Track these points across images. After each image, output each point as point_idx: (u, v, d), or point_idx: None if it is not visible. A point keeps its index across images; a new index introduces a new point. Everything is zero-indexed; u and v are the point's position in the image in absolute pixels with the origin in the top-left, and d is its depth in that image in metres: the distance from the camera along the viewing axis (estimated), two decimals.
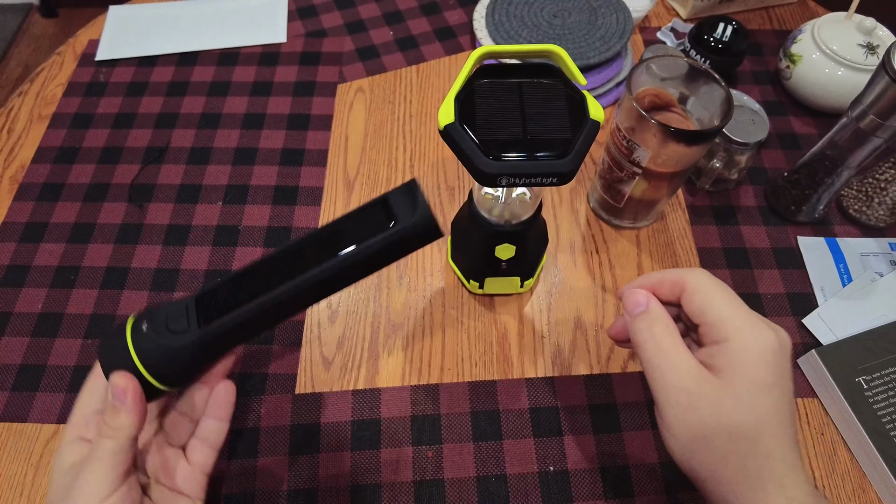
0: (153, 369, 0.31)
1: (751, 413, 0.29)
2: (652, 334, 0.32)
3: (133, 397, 0.30)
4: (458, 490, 0.43)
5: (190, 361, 0.31)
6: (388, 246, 0.30)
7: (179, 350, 0.31)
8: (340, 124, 0.64)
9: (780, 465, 0.28)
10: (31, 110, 0.66)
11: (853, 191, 0.56)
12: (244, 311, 0.30)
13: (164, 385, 0.31)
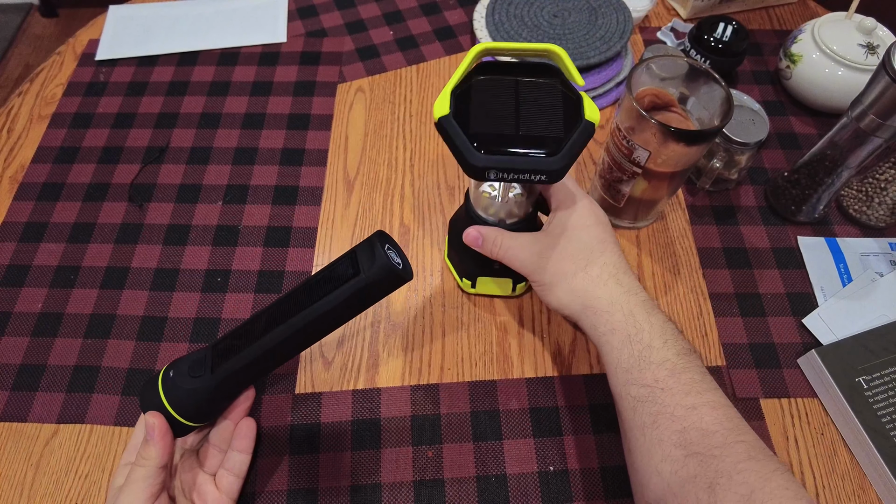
0: (178, 408, 0.37)
1: (583, 239, 0.41)
2: (495, 244, 0.43)
3: (160, 433, 0.37)
4: (457, 490, 0.43)
5: (207, 400, 0.38)
6: (354, 295, 0.34)
7: (198, 391, 0.38)
8: (340, 124, 0.64)
9: (611, 269, 0.40)
10: (31, 110, 0.65)
11: (853, 191, 0.56)
12: (244, 356, 0.37)
13: (189, 421, 0.38)
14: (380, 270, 0.34)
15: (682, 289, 0.53)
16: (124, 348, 0.50)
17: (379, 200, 0.58)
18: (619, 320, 0.38)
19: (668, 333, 0.37)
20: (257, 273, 0.54)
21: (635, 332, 0.37)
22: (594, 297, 0.39)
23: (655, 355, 0.36)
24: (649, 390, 0.35)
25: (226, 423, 0.41)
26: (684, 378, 0.35)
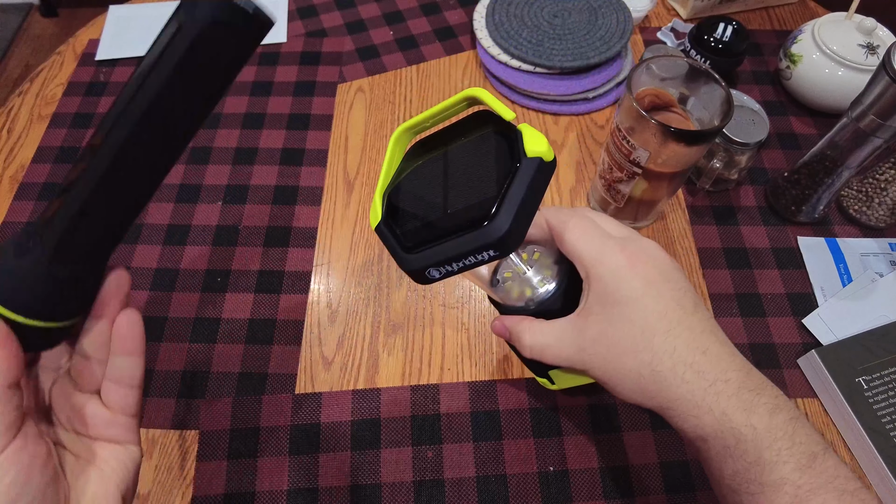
0: (12, 303, 0.25)
1: (634, 321, 0.30)
2: (523, 343, 0.34)
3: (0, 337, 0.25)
4: (457, 490, 0.43)
5: (48, 282, 0.26)
6: (188, 57, 0.23)
7: (31, 271, 0.25)
8: (340, 124, 0.64)
9: (685, 355, 0.29)
10: (31, 110, 0.65)
11: (853, 191, 0.56)
12: (75, 197, 0.25)
13: (32, 318, 0.26)
14: (210, 11, 0.22)
15: None
16: None
17: None
18: (710, 425, 0.28)
19: (781, 436, 0.27)
20: (257, 273, 0.54)
21: (735, 444, 0.28)
22: (671, 399, 0.29)
23: (768, 475, 0.27)
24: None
25: (98, 325, 0.28)
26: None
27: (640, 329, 0.29)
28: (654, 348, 0.29)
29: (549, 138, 0.63)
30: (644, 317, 0.29)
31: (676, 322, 0.29)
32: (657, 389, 0.29)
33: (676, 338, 0.29)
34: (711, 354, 0.29)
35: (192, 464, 0.45)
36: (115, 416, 0.29)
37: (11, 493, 0.24)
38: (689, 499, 0.43)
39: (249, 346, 0.50)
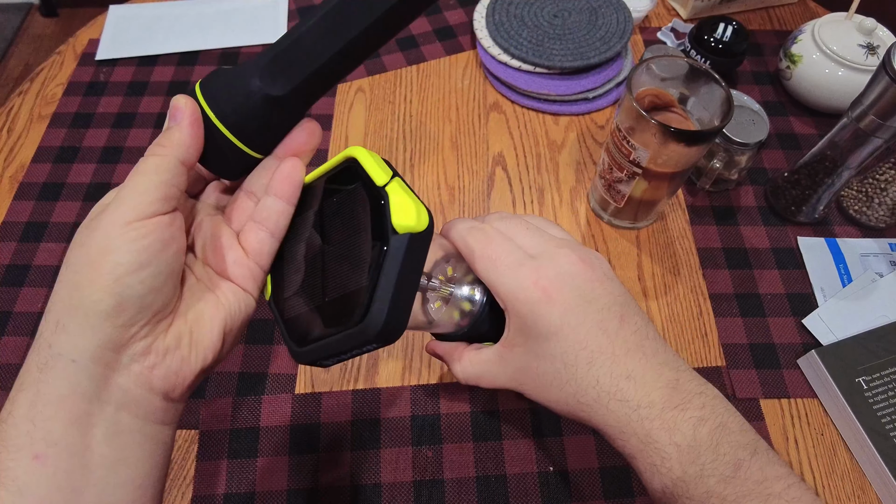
0: (217, 107, 0.27)
1: (554, 355, 0.30)
2: (462, 371, 0.34)
3: (190, 115, 0.26)
4: (457, 490, 0.43)
5: (252, 95, 0.27)
6: None
7: (241, 81, 0.27)
8: (340, 124, 0.64)
9: (608, 385, 0.29)
10: (31, 110, 0.65)
11: (853, 191, 0.56)
12: (298, 31, 0.27)
13: (230, 129, 0.27)
14: None
15: (682, 289, 0.53)
16: None
17: None
18: (636, 447, 0.29)
19: (704, 450, 0.27)
20: None
21: (660, 462, 0.28)
22: (600, 425, 0.30)
23: (694, 489, 0.27)
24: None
25: (267, 162, 0.29)
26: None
27: (563, 363, 0.30)
28: (577, 380, 0.29)
29: (549, 138, 0.63)
30: (564, 351, 0.29)
31: (598, 351, 0.29)
32: (587, 416, 0.30)
33: (599, 368, 0.29)
34: (635, 379, 0.29)
35: (192, 464, 0.45)
36: (245, 259, 0.28)
37: (141, 257, 0.24)
38: None
39: (249, 346, 0.50)
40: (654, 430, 0.28)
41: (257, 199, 0.29)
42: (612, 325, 0.30)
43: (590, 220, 0.57)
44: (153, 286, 0.24)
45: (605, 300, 0.30)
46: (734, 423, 0.28)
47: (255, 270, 0.29)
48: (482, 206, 0.57)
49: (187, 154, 0.26)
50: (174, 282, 0.26)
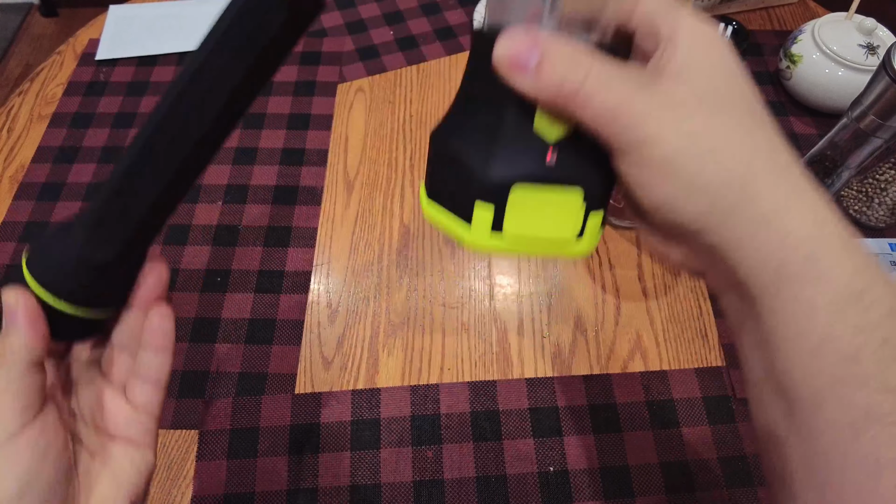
0: (46, 283, 0.25)
1: (739, 83, 0.21)
2: (572, 69, 0.20)
3: (24, 313, 0.24)
4: (457, 490, 0.43)
5: (83, 262, 0.25)
6: (236, 25, 0.22)
7: (68, 249, 0.25)
8: (340, 124, 0.64)
9: (791, 153, 0.21)
10: (31, 110, 0.65)
11: (853, 191, 0.56)
12: (117, 173, 0.24)
13: (66, 301, 0.25)
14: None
15: (683, 289, 0.53)
16: None
17: (379, 200, 0.58)
18: (835, 257, 0.19)
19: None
20: (257, 273, 0.54)
21: (867, 285, 0.19)
22: (784, 206, 0.19)
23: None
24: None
25: (132, 315, 0.28)
26: None
27: (746, 92, 0.21)
28: (754, 114, 0.21)
29: None
30: (748, 88, 0.21)
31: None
32: (745, 166, 0.20)
33: (775, 128, 0.21)
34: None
35: (191, 464, 0.45)
36: (136, 414, 0.28)
37: (22, 480, 0.23)
38: (689, 499, 0.43)
39: (249, 346, 0.50)
40: (850, 241, 0.20)
41: (131, 352, 0.28)
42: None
43: None
44: (46, 500, 0.23)
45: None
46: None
47: (149, 423, 0.28)
48: None
49: (33, 354, 0.24)
50: (64, 485, 0.25)
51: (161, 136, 0.24)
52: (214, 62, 0.23)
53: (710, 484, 0.44)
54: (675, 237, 0.23)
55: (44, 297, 0.25)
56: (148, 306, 0.28)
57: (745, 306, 0.21)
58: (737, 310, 0.22)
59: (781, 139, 0.21)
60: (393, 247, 0.55)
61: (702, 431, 0.46)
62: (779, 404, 0.21)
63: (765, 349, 0.21)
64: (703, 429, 0.46)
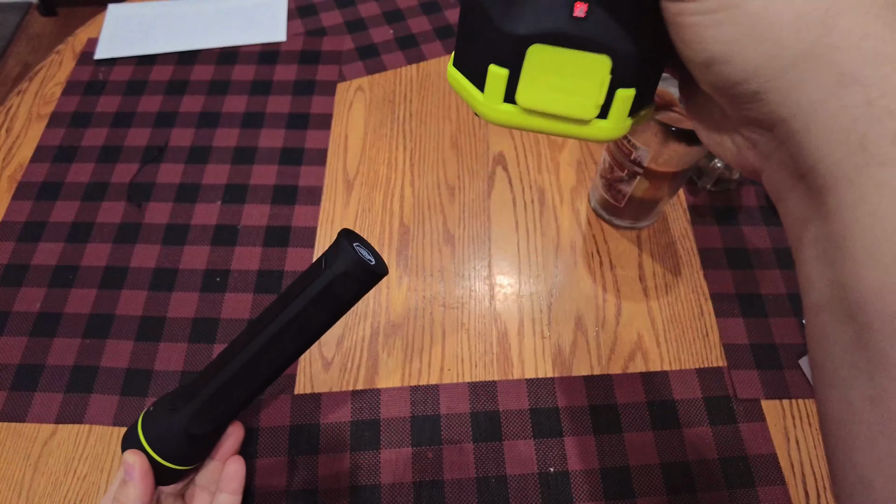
0: (157, 447, 0.34)
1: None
2: None
3: (140, 472, 0.33)
4: (457, 491, 0.43)
5: (186, 435, 0.34)
6: (323, 294, 0.32)
7: (175, 425, 0.34)
8: (340, 123, 0.64)
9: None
10: (29, 109, 0.65)
11: None
12: (220, 377, 0.34)
13: (169, 462, 0.35)
14: (346, 264, 0.31)
15: (684, 289, 0.53)
16: (123, 348, 0.49)
17: (378, 200, 0.58)
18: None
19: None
20: (256, 273, 0.54)
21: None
22: (876, 59, 0.15)
23: None
24: None
25: (213, 464, 0.38)
26: None
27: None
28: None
29: (549, 138, 0.62)
30: None
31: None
32: (823, 12, 0.15)
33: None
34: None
35: None
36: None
37: None
38: (690, 500, 0.43)
39: None
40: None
41: (210, 491, 0.38)
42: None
43: (590, 219, 0.57)
44: None
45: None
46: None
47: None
48: (482, 206, 0.57)
49: (143, 502, 0.33)
50: None
51: (254, 362, 0.33)
52: (306, 315, 0.32)
53: (711, 484, 0.43)
54: (732, 116, 0.18)
55: (153, 456, 0.34)
56: (226, 459, 0.38)
57: (812, 205, 0.17)
58: (800, 214, 0.17)
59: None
60: (393, 247, 0.55)
61: (703, 432, 0.45)
62: (844, 332, 0.16)
63: (833, 259, 0.16)
64: (704, 429, 0.46)
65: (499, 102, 0.20)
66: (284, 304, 0.32)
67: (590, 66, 0.18)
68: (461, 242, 0.55)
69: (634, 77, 0.19)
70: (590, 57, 0.18)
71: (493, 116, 0.20)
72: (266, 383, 0.35)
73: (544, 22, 0.18)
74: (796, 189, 0.17)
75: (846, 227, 0.15)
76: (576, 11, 0.17)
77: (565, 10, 0.17)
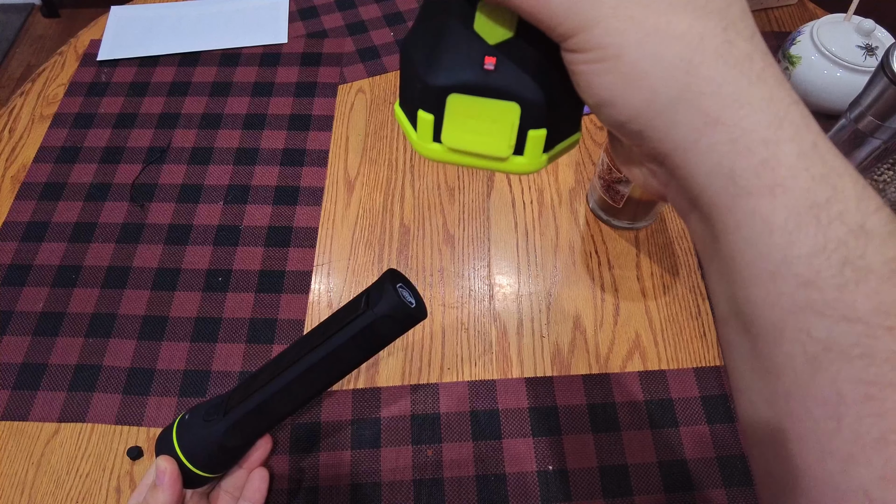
0: (190, 455, 0.37)
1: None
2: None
3: (170, 479, 0.36)
4: (457, 489, 0.44)
5: (219, 447, 0.37)
6: (363, 333, 0.33)
7: (210, 437, 0.36)
8: (341, 124, 0.64)
9: (758, 39, 0.18)
10: (32, 110, 0.66)
11: None
12: (255, 398, 0.36)
13: (200, 469, 0.37)
14: (388, 307, 0.32)
15: (682, 289, 0.53)
16: (125, 347, 0.50)
17: (379, 201, 0.58)
18: (793, 163, 0.17)
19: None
20: (258, 273, 0.54)
21: (830, 196, 0.17)
22: (735, 102, 0.17)
23: (875, 250, 0.16)
24: (862, 331, 0.16)
25: (239, 472, 0.40)
26: None
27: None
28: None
29: None
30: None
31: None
32: (699, 62, 0.17)
33: (743, 5, 0.18)
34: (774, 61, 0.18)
35: None
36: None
37: None
38: (687, 498, 0.43)
39: (250, 346, 0.50)
40: (819, 139, 0.17)
41: (234, 496, 0.40)
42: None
43: (589, 220, 0.57)
44: None
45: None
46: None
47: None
48: (482, 206, 0.58)
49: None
50: None
51: (291, 388, 0.35)
52: (345, 351, 0.34)
53: (709, 483, 0.44)
54: (634, 149, 0.21)
55: (185, 463, 0.36)
56: (253, 468, 0.40)
57: (706, 228, 0.19)
58: (700, 234, 0.19)
59: (749, 27, 0.18)
60: (393, 247, 0.55)
61: (700, 431, 0.46)
62: (743, 343, 0.19)
63: (727, 277, 0.18)
64: (701, 428, 0.46)
65: (429, 142, 0.22)
66: (325, 337, 0.34)
67: (501, 111, 0.20)
68: (461, 243, 0.56)
69: (543, 119, 0.21)
70: (500, 104, 0.20)
71: (426, 154, 0.22)
72: (300, 406, 0.37)
73: (459, 74, 0.20)
74: (693, 212, 0.19)
75: (731, 249, 0.18)
76: (486, 65, 0.20)
77: (478, 64, 0.20)
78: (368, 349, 0.35)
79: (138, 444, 0.46)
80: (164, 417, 0.47)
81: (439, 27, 0.21)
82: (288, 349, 0.37)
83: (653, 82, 0.17)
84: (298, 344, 0.36)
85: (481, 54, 0.20)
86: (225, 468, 0.39)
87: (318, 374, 0.35)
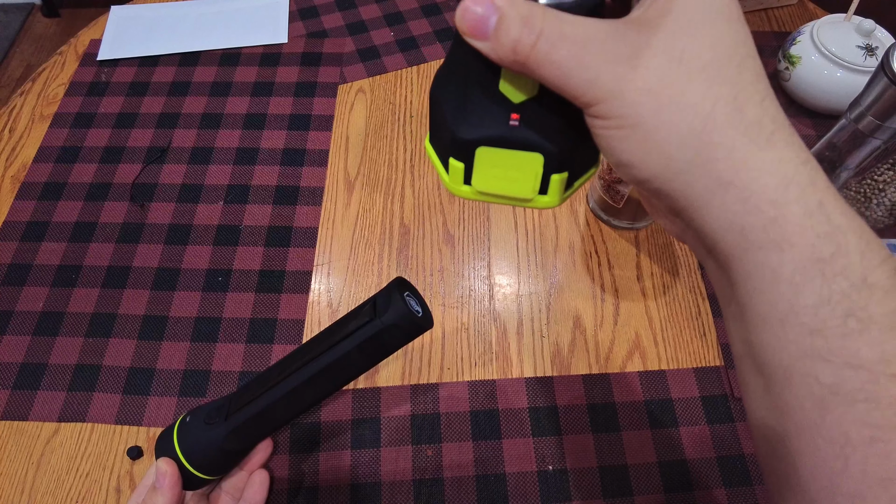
0: (190, 458, 0.37)
1: (722, 37, 0.19)
2: (530, 30, 0.19)
3: (170, 482, 0.36)
4: (457, 489, 0.44)
5: (220, 450, 0.37)
6: (369, 340, 0.33)
7: (211, 440, 0.37)
8: (341, 124, 0.64)
9: (774, 110, 0.19)
10: (32, 110, 0.66)
11: (851, 192, 0.56)
12: (258, 403, 0.36)
13: (200, 472, 0.37)
14: (395, 316, 0.33)
15: (681, 289, 0.53)
16: (125, 347, 0.50)
17: (379, 201, 0.58)
18: (799, 222, 0.18)
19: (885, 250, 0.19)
20: (258, 272, 0.54)
21: (834, 252, 0.18)
22: (745, 166, 0.18)
23: (877, 303, 0.18)
24: (867, 377, 0.18)
25: (240, 473, 0.41)
26: None
27: (728, 47, 0.19)
28: (737, 79, 0.19)
29: None
30: (734, 38, 0.20)
31: (763, 72, 0.20)
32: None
33: (765, 83, 0.19)
34: (791, 128, 0.20)
35: None
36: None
37: None
38: (687, 498, 0.43)
39: (250, 346, 0.50)
40: (827, 200, 0.19)
41: (234, 497, 0.40)
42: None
43: (589, 220, 0.57)
44: None
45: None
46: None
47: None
48: (482, 206, 0.58)
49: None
50: None
51: (295, 393, 0.35)
52: (350, 358, 0.34)
53: (709, 483, 0.44)
54: (654, 201, 0.23)
55: (186, 465, 0.37)
56: (253, 470, 0.41)
57: (722, 275, 0.21)
58: (717, 279, 0.21)
59: (760, 92, 0.19)
60: (393, 247, 0.55)
61: (700, 431, 0.46)
62: (757, 382, 0.20)
63: (741, 320, 0.20)
64: (701, 428, 0.46)
65: (460, 185, 0.25)
66: (330, 344, 0.34)
67: (526, 161, 0.23)
68: (461, 242, 0.56)
69: (564, 165, 0.23)
70: (525, 154, 0.23)
71: (458, 194, 0.25)
72: (302, 412, 0.37)
73: (487, 129, 0.22)
74: (709, 259, 0.21)
75: (744, 296, 0.19)
76: (511, 121, 0.22)
77: (504, 119, 0.22)
78: (374, 357, 0.35)
79: (138, 444, 0.46)
80: (164, 417, 0.47)
81: (466, 81, 0.23)
82: (291, 354, 0.37)
83: (669, 149, 0.19)
84: (302, 349, 0.36)
85: (507, 112, 0.22)
86: (225, 471, 0.40)
87: (322, 381, 0.35)
